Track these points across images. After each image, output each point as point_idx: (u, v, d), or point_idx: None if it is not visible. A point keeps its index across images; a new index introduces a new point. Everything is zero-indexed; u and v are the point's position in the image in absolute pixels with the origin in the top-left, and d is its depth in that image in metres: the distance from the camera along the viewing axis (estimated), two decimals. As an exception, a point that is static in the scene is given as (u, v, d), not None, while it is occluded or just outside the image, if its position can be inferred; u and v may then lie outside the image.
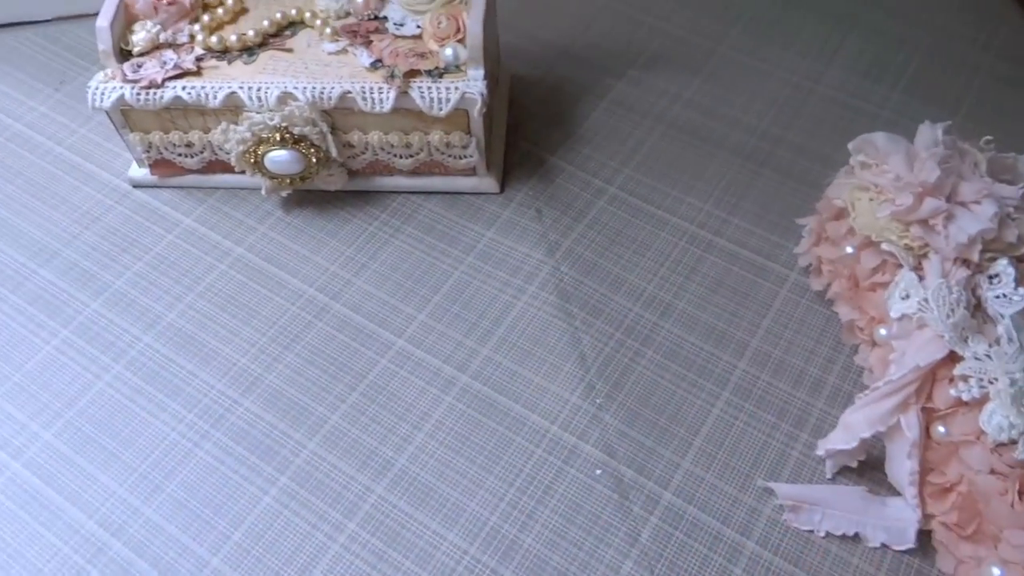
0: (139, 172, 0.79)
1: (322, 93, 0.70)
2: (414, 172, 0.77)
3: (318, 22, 0.74)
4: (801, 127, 0.83)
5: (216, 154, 0.76)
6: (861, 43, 0.90)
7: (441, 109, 0.70)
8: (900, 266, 0.61)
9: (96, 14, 0.95)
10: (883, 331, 0.62)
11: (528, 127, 0.83)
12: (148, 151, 0.76)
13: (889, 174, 0.61)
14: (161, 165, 0.78)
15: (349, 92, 0.70)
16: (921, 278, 0.60)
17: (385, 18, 0.75)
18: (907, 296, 0.59)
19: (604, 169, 0.80)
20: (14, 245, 0.76)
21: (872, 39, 0.90)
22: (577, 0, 0.95)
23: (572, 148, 0.82)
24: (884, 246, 0.61)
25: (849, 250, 0.65)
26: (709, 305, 0.71)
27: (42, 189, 0.80)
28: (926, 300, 0.58)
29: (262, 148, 0.71)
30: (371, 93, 0.70)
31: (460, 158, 0.75)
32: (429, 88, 0.70)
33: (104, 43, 0.71)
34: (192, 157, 0.76)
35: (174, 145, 0.75)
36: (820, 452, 0.62)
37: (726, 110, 0.85)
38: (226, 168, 0.78)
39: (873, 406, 0.58)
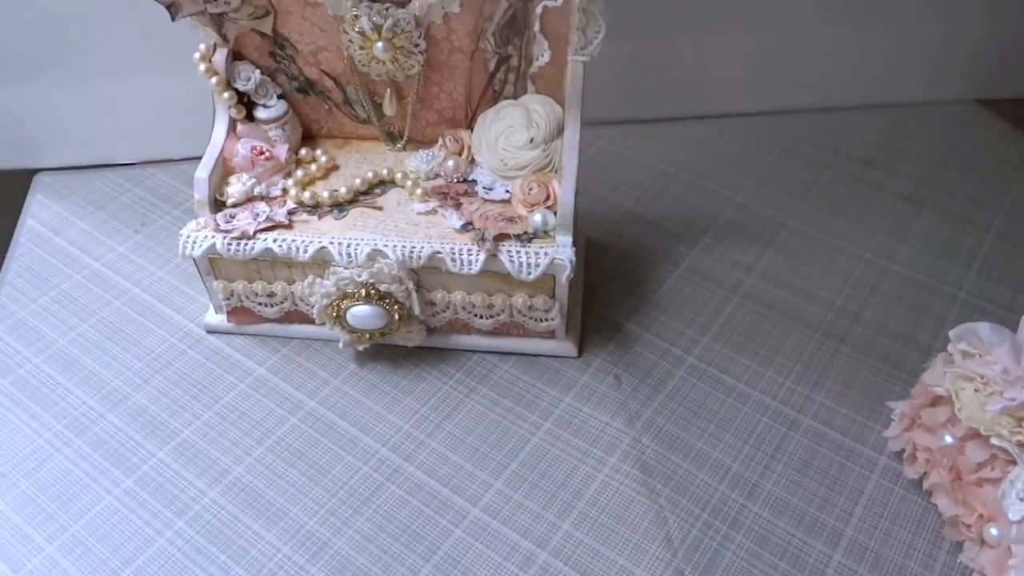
0: (216, 318, 0.79)
1: (411, 252, 0.70)
2: (492, 332, 0.76)
3: (408, 182, 0.76)
4: (878, 305, 0.83)
5: (296, 305, 0.76)
6: (931, 223, 0.91)
7: (530, 274, 0.70)
8: (1013, 463, 0.58)
9: (180, 160, 1.00)
10: (994, 531, 0.58)
11: (604, 291, 0.83)
12: (229, 299, 0.76)
13: (996, 366, 0.60)
14: (239, 313, 0.78)
15: (439, 252, 0.70)
16: (1037, 476, 0.57)
17: (474, 181, 0.76)
18: (1024, 496, 0.56)
19: (681, 338, 0.79)
20: (84, 387, 0.75)
21: (941, 219, 0.92)
22: (647, 168, 0.98)
23: (648, 314, 0.81)
24: (994, 440, 0.59)
25: (949, 440, 0.63)
26: (798, 488, 0.68)
27: (116, 330, 0.79)
28: (1045, 501, 0.55)
29: (346, 303, 0.71)
30: (460, 254, 0.70)
31: (541, 321, 0.75)
32: (518, 252, 0.70)
33: (201, 193, 0.73)
34: (272, 307, 0.76)
35: (256, 294, 0.75)
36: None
37: (800, 283, 0.85)
38: (303, 318, 0.77)
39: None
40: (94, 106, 0.96)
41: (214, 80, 0.75)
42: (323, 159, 0.78)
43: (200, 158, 0.97)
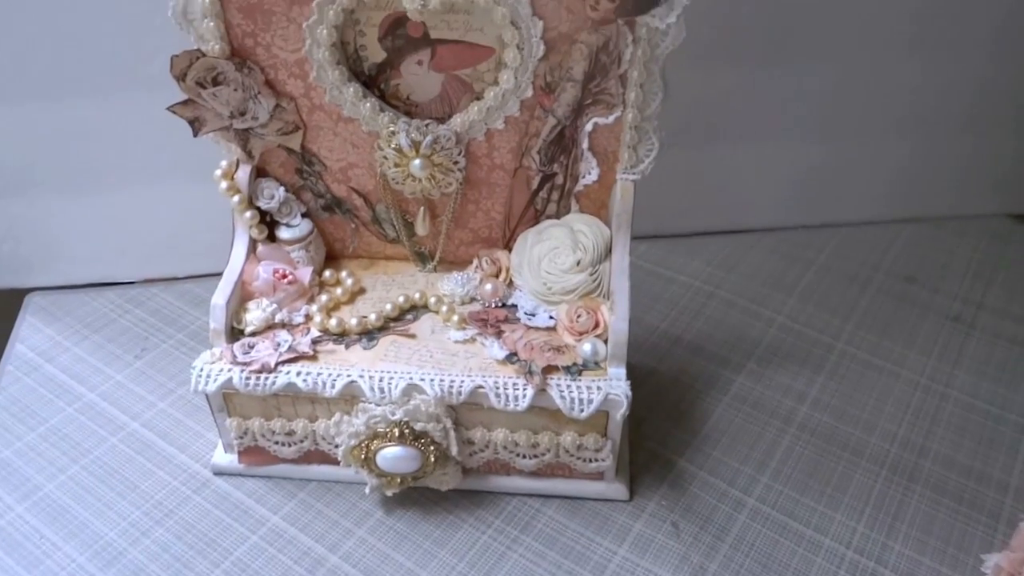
0: (225, 459, 0.71)
1: (451, 387, 0.64)
2: (534, 473, 0.69)
3: (443, 308, 0.70)
4: (943, 436, 0.77)
5: (317, 444, 0.68)
6: (984, 345, 0.86)
7: (583, 411, 0.63)
8: None
9: (185, 278, 0.94)
10: None
11: (650, 424, 0.76)
12: (242, 437, 0.69)
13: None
14: (252, 453, 0.70)
15: (481, 387, 0.64)
16: None
17: (514, 306, 0.71)
18: None
19: (739, 476, 0.72)
20: (73, 540, 0.66)
21: (995, 341, 0.87)
22: (682, 286, 0.93)
23: (700, 450, 0.74)
24: None
25: (1062, 601, 0.56)
26: (891, 656, 0.60)
27: (112, 472, 0.71)
28: None
29: (376, 443, 0.64)
30: (505, 389, 0.64)
31: (590, 461, 0.68)
32: (568, 387, 0.64)
33: (217, 321, 0.66)
34: (291, 446, 0.69)
35: (273, 432, 0.68)
36: None
37: (858, 412, 0.79)
38: (323, 458, 0.70)
39: None
40: (93, 221, 0.90)
41: (236, 198, 0.69)
42: (349, 282, 0.72)
43: (208, 276, 0.92)
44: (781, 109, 0.94)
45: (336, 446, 0.67)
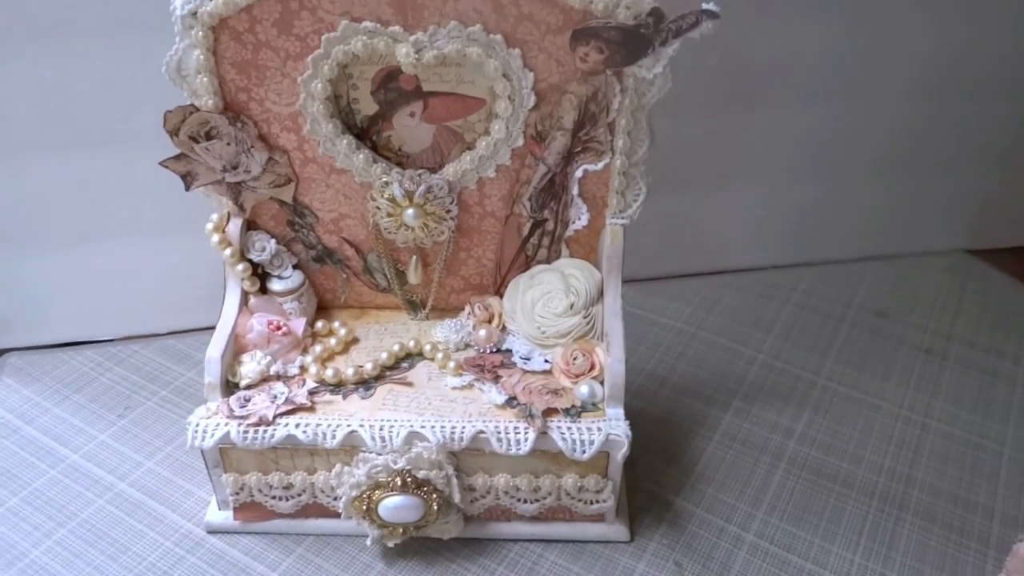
0: (219, 516, 0.69)
1: (453, 433, 0.64)
2: (535, 518, 0.69)
3: (439, 355, 0.70)
4: (927, 465, 0.79)
5: (316, 496, 0.67)
6: (958, 376, 0.89)
7: (584, 452, 0.63)
8: None
9: (166, 334, 0.92)
10: None
11: (644, 464, 0.77)
12: (238, 493, 0.67)
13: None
14: (248, 509, 0.68)
15: (483, 432, 0.64)
16: None
17: (508, 351, 0.71)
18: None
19: (736, 513, 0.73)
20: (63, 609, 0.63)
21: (967, 372, 0.90)
22: (664, 327, 0.95)
23: (696, 488, 0.75)
24: None
25: (1061, 621, 0.57)
26: None
27: (100, 535, 0.69)
28: None
29: (378, 493, 0.63)
30: (507, 434, 0.64)
31: (592, 503, 0.68)
32: (569, 429, 0.64)
33: (212, 375, 0.65)
34: (288, 500, 0.67)
35: (271, 487, 0.67)
36: None
37: (843, 445, 0.80)
38: (322, 511, 0.69)
39: None
40: (70, 279, 0.88)
41: (228, 251, 0.69)
42: (342, 332, 0.72)
43: (190, 331, 0.91)
44: (749, 155, 0.98)
45: (336, 498, 0.66)
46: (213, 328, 0.68)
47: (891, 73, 0.94)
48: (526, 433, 0.64)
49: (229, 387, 0.67)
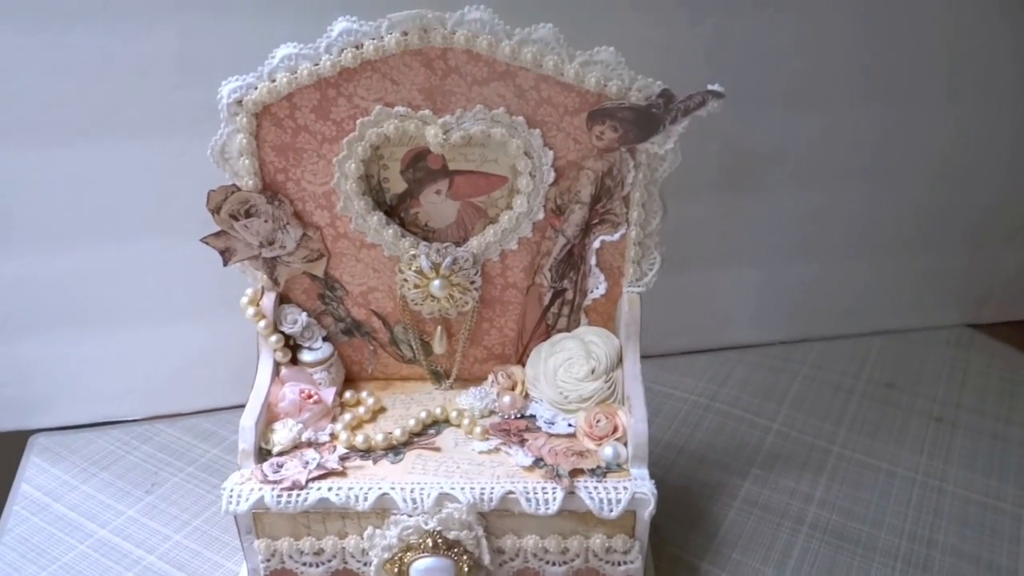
0: (249, 585, 0.70)
1: (483, 494, 0.65)
2: (563, 581, 0.69)
3: (465, 421, 0.72)
4: (947, 528, 0.79)
5: (346, 562, 0.68)
6: (970, 442, 0.91)
7: (612, 510, 0.65)
8: None
9: (190, 414, 0.94)
10: None
11: (667, 530, 0.78)
12: (269, 560, 0.68)
13: None
14: (278, 576, 0.69)
15: (512, 492, 0.65)
16: None
17: (532, 416, 0.73)
18: None
19: (762, 576, 0.74)
20: None
21: (979, 438, 0.92)
22: (679, 400, 0.97)
23: (720, 552, 0.76)
24: None
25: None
26: None
27: (130, 607, 0.69)
28: None
29: (409, 555, 0.64)
30: (535, 493, 0.65)
31: (620, 564, 0.68)
32: (596, 488, 0.66)
33: (246, 442, 0.67)
34: (319, 567, 0.68)
35: (302, 553, 0.67)
36: None
37: (863, 510, 0.81)
38: (350, 579, 0.69)
39: None
40: (97, 361, 0.91)
41: (262, 324, 0.72)
42: (370, 401, 0.74)
43: (214, 410, 0.93)
44: (752, 235, 1.02)
45: (366, 564, 0.67)
46: (237, 407, 0.70)
47: (896, 158, 1.00)
48: (554, 492, 0.65)
49: (262, 454, 0.69)
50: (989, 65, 0.96)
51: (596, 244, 0.72)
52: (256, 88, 0.65)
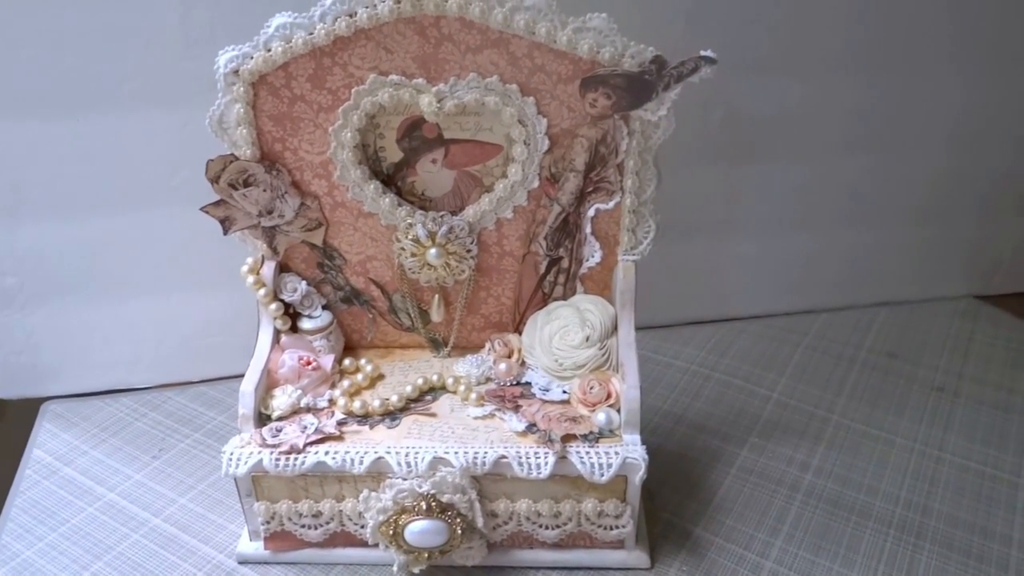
0: (250, 546, 0.71)
1: (476, 458, 0.66)
2: (557, 545, 0.71)
3: (461, 387, 0.73)
4: (943, 496, 0.80)
5: (344, 525, 0.70)
6: (970, 412, 0.91)
7: (603, 475, 0.66)
8: None
9: (198, 382, 0.96)
10: None
11: (662, 496, 0.79)
12: (269, 522, 0.70)
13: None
14: (278, 538, 0.71)
15: (504, 457, 0.66)
16: None
17: (528, 383, 0.74)
18: None
19: (754, 542, 0.74)
20: (100, 635, 0.65)
21: (979, 408, 0.91)
22: (679, 370, 0.97)
23: (714, 518, 0.77)
24: None
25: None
26: None
27: (136, 567, 0.71)
28: None
29: (404, 518, 0.65)
30: (528, 458, 0.66)
31: (611, 528, 0.69)
32: (587, 453, 0.67)
33: (246, 407, 0.69)
34: (317, 528, 0.70)
35: (300, 515, 0.69)
36: None
37: (859, 478, 0.82)
38: (349, 540, 0.71)
39: None
40: (109, 330, 0.93)
41: (262, 292, 0.73)
42: (368, 368, 0.76)
43: (221, 379, 0.95)
44: (759, 205, 1.02)
45: (363, 526, 0.68)
46: (243, 376, 0.71)
47: (902, 126, 0.98)
48: (546, 457, 0.66)
49: (262, 419, 0.70)
50: (1000, 29, 0.94)
51: (591, 212, 0.72)
52: (252, 58, 0.66)
